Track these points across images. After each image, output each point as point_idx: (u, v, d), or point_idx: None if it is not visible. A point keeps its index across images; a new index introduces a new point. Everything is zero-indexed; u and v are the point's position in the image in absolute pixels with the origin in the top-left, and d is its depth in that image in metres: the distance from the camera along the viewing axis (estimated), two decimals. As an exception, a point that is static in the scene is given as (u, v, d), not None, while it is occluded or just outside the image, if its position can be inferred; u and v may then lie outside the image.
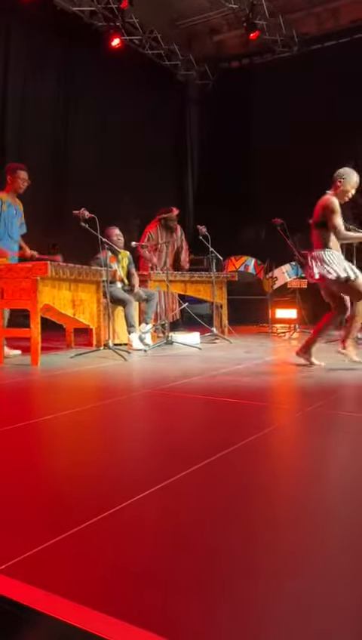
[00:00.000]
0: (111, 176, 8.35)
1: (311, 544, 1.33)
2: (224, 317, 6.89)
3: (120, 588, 1.12)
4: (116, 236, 5.71)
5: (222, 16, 9.32)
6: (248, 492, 1.69)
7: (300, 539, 1.36)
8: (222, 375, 3.85)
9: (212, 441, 2.25)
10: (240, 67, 10.26)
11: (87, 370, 4.18)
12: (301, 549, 1.30)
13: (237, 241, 9.64)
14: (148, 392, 3.38)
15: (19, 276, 4.34)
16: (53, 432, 2.46)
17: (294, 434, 2.51)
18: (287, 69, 9.24)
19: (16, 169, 4.90)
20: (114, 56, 8.26)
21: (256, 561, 1.24)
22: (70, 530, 1.35)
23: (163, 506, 1.55)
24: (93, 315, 5.09)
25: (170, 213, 6.48)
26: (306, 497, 1.66)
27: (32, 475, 1.86)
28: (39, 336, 4.31)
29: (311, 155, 8.25)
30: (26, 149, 7.09)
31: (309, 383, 3.60)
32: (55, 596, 1.07)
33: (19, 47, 7.40)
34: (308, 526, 1.44)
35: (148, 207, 7.33)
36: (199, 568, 1.20)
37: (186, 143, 10.79)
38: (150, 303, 5.90)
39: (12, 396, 3.39)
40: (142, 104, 9.17)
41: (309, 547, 1.31)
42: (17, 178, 4.85)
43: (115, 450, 2.16)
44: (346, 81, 8.35)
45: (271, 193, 8.95)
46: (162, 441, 2.27)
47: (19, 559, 1.21)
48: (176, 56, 9.91)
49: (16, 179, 4.85)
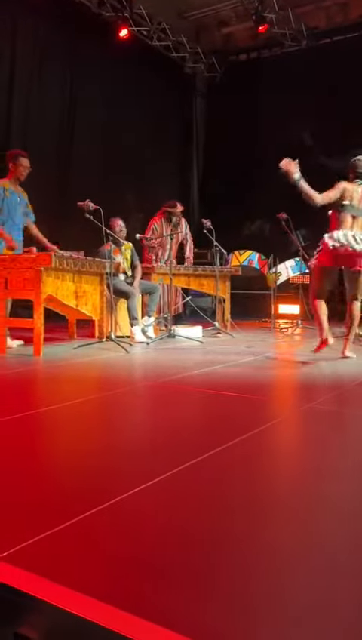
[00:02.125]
0: (116, 169, 8.34)
1: (312, 540, 1.33)
2: (227, 311, 6.89)
3: (120, 578, 1.13)
4: (119, 227, 5.70)
5: (230, 9, 9.26)
6: (248, 486, 1.70)
7: (301, 534, 1.37)
8: (224, 369, 3.85)
9: (213, 434, 2.26)
10: (248, 60, 10.21)
11: (89, 362, 4.19)
12: (302, 545, 1.31)
13: (241, 235, 9.64)
14: (150, 385, 3.39)
15: (22, 266, 4.34)
16: (55, 423, 2.47)
17: (295, 429, 2.52)
18: (296, 63, 9.19)
19: (18, 156, 4.87)
20: (121, 47, 8.22)
21: (256, 555, 1.25)
22: (71, 520, 1.36)
23: (164, 497, 1.56)
24: (96, 306, 5.10)
25: (174, 208, 6.46)
26: (306, 492, 1.67)
27: (33, 465, 1.87)
28: (42, 326, 4.32)
29: (318, 149, 8.22)
30: (32, 141, 7.08)
31: (311, 379, 3.60)
32: (56, 584, 1.08)
33: (25, 37, 7.37)
34: (309, 521, 1.44)
35: (153, 201, 7.32)
36: (199, 560, 1.21)
37: (192, 136, 10.75)
38: (153, 295, 5.90)
39: (14, 386, 3.40)
40: (148, 96, 9.14)
41: (310, 543, 1.32)
42: (19, 165, 4.83)
43: (117, 442, 2.17)
44: (354, 76, 8.30)
45: (276, 188, 8.92)
46: (163, 434, 2.28)
47: (20, 547, 1.22)
48: (184, 48, 9.86)
49: (17, 166, 4.83)
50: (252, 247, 8.56)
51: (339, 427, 2.52)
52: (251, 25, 8.89)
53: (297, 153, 8.28)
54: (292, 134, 8.65)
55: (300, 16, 9.10)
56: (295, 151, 8.59)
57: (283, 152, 9.13)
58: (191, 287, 6.84)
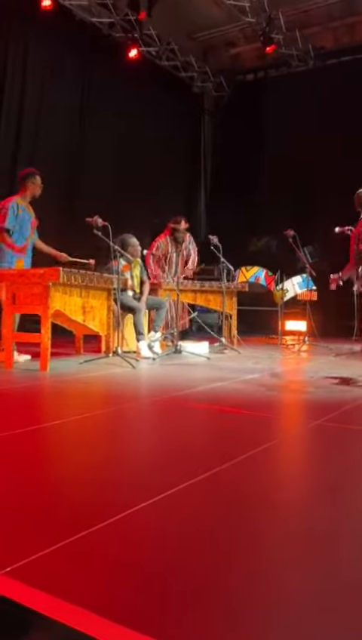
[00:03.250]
0: (125, 186, 8.43)
1: (316, 558, 1.32)
2: (233, 327, 6.89)
3: (124, 594, 1.12)
4: (138, 246, 5.76)
5: (239, 30, 9.41)
6: (253, 503, 1.69)
7: (305, 552, 1.36)
8: (230, 385, 3.84)
9: (218, 451, 2.25)
10: (255, 80, 10.35)
11: (95, 377, 4.20)
12: (306, 563, 1.30)
13: (248, 251, 9.68)
14: (156, 400, 3.39)
15: (30, 282, 4.38)
16: (61, 438, 2.47)
17: (301, 447, 2.50)
18: (303, 83, 9.30)
19: (31, 174, 4.95)
20: (131, 67, 8.36)
21: (259, 572, 1.24)
22: (76, 535, 1.36)
23: (170, 514, 1.55)
24: (103, 321, 5.11)
25: (178, 224, 6.51)
26: (311, 511, 1.65)
27: (40, 479, 1.87)
28: (49, 341, 4.33)
29: (324, 168, 8.28)
30: (41, 158, 7.16)
31: (318, 396, 3.58)
32: (60, 600, 1.07)
33: (37, 57, 7.51)
34: (313, 540, 1.43)
35: (161, 217, 7.38)
36: (203, 577, 1.20)
37: (200, 153, 10.86)
38: (160, 311, 5.92)
39: (21, 400, 3.40)
40: (157, 115, 9.26)
41: (314, 562, 1.30)
42: (32, 183, 4.91)
43: (121, 457, 2.16)
44: (361, 96, 8.38)
45: (283, 205, 8.98)
46: (168, 450, 2.27)
47: (24, 562, 1.22)
48: (192, 67, 10.01)
49: (31, 184, 4.91)
50: (259, 263, 8.58)
51: (348, 444, 2.50)
52: (259, 45, 9.02)
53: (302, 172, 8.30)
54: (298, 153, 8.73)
55: (307, 37, 9.24)
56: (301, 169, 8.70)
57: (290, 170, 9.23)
58: (197, 303, 6.85)
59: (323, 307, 7.64)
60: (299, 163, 8.77)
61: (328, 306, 7.84)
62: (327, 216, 4.57)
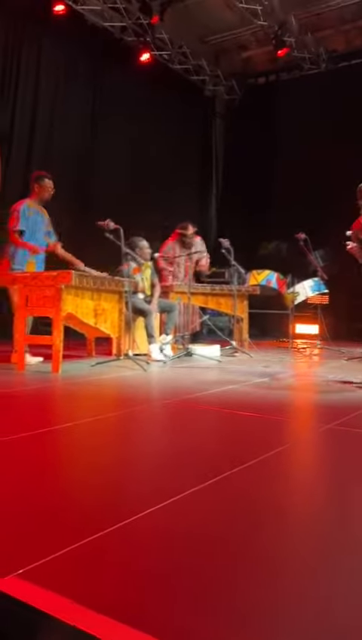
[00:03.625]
0: (136, 189, 8.46)
1: (325, 564, 1.32)
2: (244, 331, 6.88)
3: (133, 597, 1.13)
4: (147, 248, 5.77)
5: (251, 33, 9.41)
6: (263, 509, 1.68)
7: (314, 558, 1.35)
8: (241, 388, 3.84)
9: (229, 454, 2.24)
10: (267, 83, 10.34)
11: (106, 379, 4.21)
12: (314, 569, 1.29)
13: (259, 255, 9.66)
14: (167, 403, 3.39)
15: (43, 284, 4.40)
16: (73, 440, 2.48)
17: (312, 451, 2.49)
18: (314, 86, 9.28)
19: (42, 177, 4.99)
20: (143, 71, 8.40)
21: (267, 577, 1.24)
22: (87, 538, 1.36)
23: (178, 518, 1.56)
24: (115, 324, 5.13)
25: (185, 230, 6.51)
26: (321, 516, 1.65)
27: (51, 482, 1.88)
28: (61, 344, 4.35)
29: (335, 171, 8.25)
30: (54, 161, 7.21)
31: (329, 400, 3.56)
32: (73, 603, 1.08)
33: (50, 61, 7.57)
34: (322, 545, 1.42)
35: (172, 220, 7.38)
36: (211, 581, 1.20)
37: (211, 157, 10.87)
38: (171, 314, 5.93)
39: (33, 403, 3.42)
40: (168, 118, 9.29)
41: (323, 568, 1.30)
42: (43, 186, 4.94)
43: (132, 460, 2.17)
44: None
45: (294, 208, 8.96)
46: (179, 453, 2.27)
47: (36, 564, 1.23)
48: (204, 71, 10.03)
49: (42, 187, 4.94)
50: (270, 266, 8.56)
51: (359, 449, 2.48)
52: (270, 49, 9.02)
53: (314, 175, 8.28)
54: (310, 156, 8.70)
55: (320, 39, 9.22)
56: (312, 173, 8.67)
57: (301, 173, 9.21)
58: (208, 306, 6.85)
59: (335, 310, 7.60)
60: (310, 166, 8.75)
61: (340, 309, 7.80)
62: (339, 219, 4.55)
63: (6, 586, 1.13)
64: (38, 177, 5.00)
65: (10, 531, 1.42)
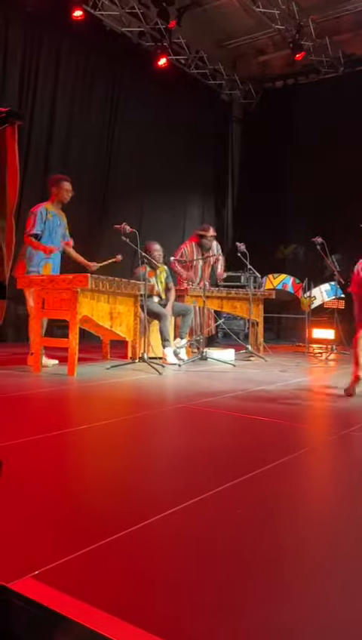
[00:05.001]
0: (153, 192, 8.48)
1: (343, 572, 1.30)
2: (260, 335, 6.85)
3: (148, 601, 1.13)
4: (157, 251, 5.78)
5: (268, 38, 9.40)
6: (279, 513, 1.67)
7: (332, 565, 1.34)
8: (256, 393, 3.82)
9: (244, 459, 2.23)
10: (284, 87, 10.31)
11: (121, 382, 4.22)
12: (332, 576, 1.28)
13: (275, 259, 9.63)
14: (181, 407, 3.39)
15: (60, 287, 4.44)
16: (87, 442, 2.49)
17: (328, 456, 2.47)
18: (332, 90, 9.23)
19: (61, 180, 5.03)
20: (160, 75, 8.43)
21: (284, 583, 1.23)
22: (102, 541, 1.37)
23: (193, 522, 1.55)
24: (130, 327, 5.14)
25: (206, 232, 6.51)
26: (338, 521, 1.63)
27: (66, 484, 1.89)
28: (77, 346, 4.38)
29: (352, 175, 8.19)
30: (71, 165, 7.27)
31: (345, 405, 3.53)
32: (86, 604, 1.08)
33: (68, 66, 7.64)
34: (341, 552, 1.41)
35: (188, 224, 7.40)
36: (227, 585, 1.20)
37: (228, 160, 10.87)
38: (185, 318, 5.93)
39: (48, 405, 3.45)
40: (186, 122, 9.31)
41: (341, 575, 1.29)
42: (62, 189, 4.98)
43: (147, 464, 2.17)
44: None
45: (311, 212, 8.92)
46: (194, 457, 2.27)
47: (52, 566, 1.23)
48: (221, 75, 10.04)
49: (60, 190, 4.98)
50: (286, 271, 8.53)
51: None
52: (288, 53, 8.99)
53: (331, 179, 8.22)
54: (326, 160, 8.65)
55: (337, 43, 9.17)
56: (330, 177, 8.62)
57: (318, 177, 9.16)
58: (224, 310, 6.84)
59: (352, 315, 7.53)
60: (327, 170, 8.70)
61: (356, 314, 7.72)
62: (356, 223, 4.51)
63: (21, 587, 1.13)
64: (57, 180, 5.04)
65: (25, 533, 1.43)
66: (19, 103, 6.93)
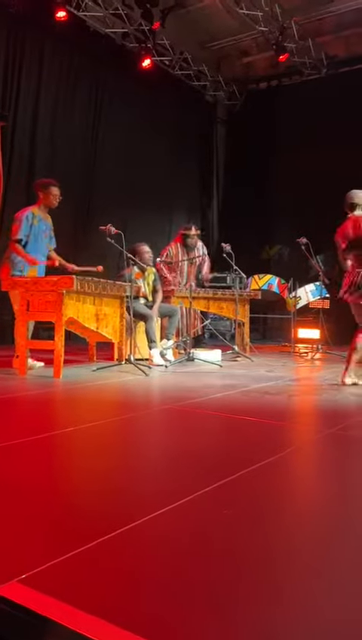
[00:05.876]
0: (137, 194, 8.47)
1: (329, 569, 1.31)
2: (246, 335, 6.87)
3: (137, 603, 1.12)
4: (147, 253, 5.78)
5: (251, 39, 9.45)
6: (267, 513, 1.68)
7: (320, 564, 1.35)
8: (243, 393, 3.83)
9: (231, 459, 2.24)
10: (268, 88, 10.37)
11: (108, 384, 4.21)
12: (321, 576, 1.29)
13: (260, 259, 9.67)
14: (168, 408, 3.38)
15: (45, 289, 4.41)
16: (74, 445, 2.48)
17: (314, 455, 2.48)
18: (315, 91, 9.30)
19: (48, 185, 4.99)
20: (144, 77, 8.43)
21: (274, 583, 1.23)
22: (89, 543, 1.36)
23: (181, 524, 1.55)
24: (116, 329, 5.13)
25: (189, 231, 6.52)
26: (326, 520, 1.64)
27: (53, 487, 1.87)
28: (63, 348, 4.36)
29: (336, 176, 8.26)
30: (56, 167, 7.23)
31: (331, 404, 3.56)
32: (74, 608, 1.07)
33: (51, 67, 7.60)
34: (330, 550, 1.42)
35: (174, 225, 7.41)
36: (218, 586, 1.20)
37: (212, 162, 10.90)
38: (172, 319, 5.93)
39: (34, 407, 3.42)
40: (170, 123, 9.32)
41: (330, 575, 1.29)
42: (49, 194, 4.94)
43: (134, 465, 2.16)
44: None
45: (296, 213, 8.98)
46: (181, 458, 2.27)
47: (39, 569, 1.22)
48: (205, 76, 10.07)
49: (48, 194, 4.94)
50: (271, 271, 8.59)
51: (360, 454, 2.48)
52: (271, 54, 9.04)
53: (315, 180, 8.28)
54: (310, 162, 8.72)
55: (320, 45, 9.25)
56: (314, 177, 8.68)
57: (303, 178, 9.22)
58: (210, 311, 6.85)
59: (337, 315, 7.59)
60: (311, 171, 8.76)
61: (341, 313, 7.78)
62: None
63: (8, 591, 1.12)
64: (45, 185, 4.99)
65: (12, 537, 1.42)
66: (1, 105, 6.89)
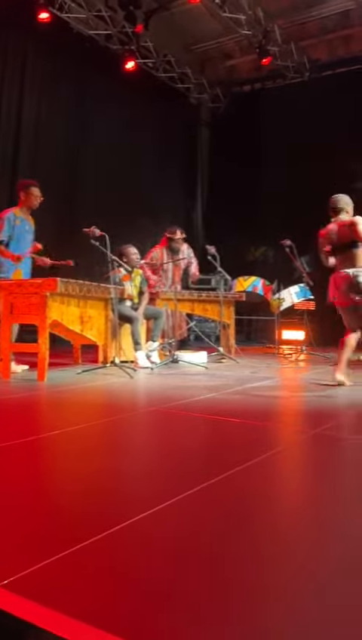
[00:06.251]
0: (122, 196, 8.46)
1: (317, 570, 1.31)
2: (231, 337, 6.89)
3: (124, 606, 1.11)
4: (134, 255, 5.78)
5: (235, 42, 9.50)
6: (253, 514, 1.68)
7: (306, 564, 1.35)
8: (228, 395, 3.84)
9: (217, 461, 2.24)
10: (252, 91, 10.43)
11: (93, 387, 4.19)
12: (306, 574, 1.29)
13: (245, 261, 9.71)
14: (154, 410, 3.38)
15: (28, 292, 4.38)
16: (59, 448, 2.46)
17: (299, 456, 2.50)
18: (298, 94, 9.38)
19: (29, 185, 4.96)
20: (127, 79, 8.42)
21: (261, 583, 1.23)
22: (74, 547, 1.35)
23: (167, 525, 1.55)
24: (101, 331, 5.11)
25: (173, 234, 6.53)
26: (311, 521, 1.65)
27: (37, 490, 1.86)
28: (47, 351, 4.33)
29: (319, 178, 8.33)
30: (40, 169, 7.19)
31: (315, 405, 3.58)
32: (58, 613, 1.06)
33: (35, 69, 7.57)
34: (314, 551, 1.42)
35: (159, 228, 7.39)
36: (204, 589, 1.19)
37: (197, 164, 10.93)
38: (157, 321, 5.92)
39: (18, 411, 3.39)
40: (154, 126, 9.32)
41: (315, 573, 1.30)
42: (30, 195, 4.92)
43: (119, 468, 2.15)
44: (355, 107, 8.45)
45: (280, 215, 9.03)
46: (167, 460, 2.26)
47: (22, 574, 1.21)
48: (189, 79, 10.09)
49: (29, 195, 4.92)
50: (256, 273, 8.62)
51: (344, 454, 2.49)
52: (255, 57, 9.10)
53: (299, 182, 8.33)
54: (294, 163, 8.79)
55: (303, 49, 9.33)
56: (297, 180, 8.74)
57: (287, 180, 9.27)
58: (195, 313, 6.85)
59: (321, 316, 7.65)
60: (295, 173, 8.82)
61: (325, 315, 7.84)
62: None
63: (-10, 597, 1.11)
64: (26, 186, 4.97)
65: (-5, 541, 1.40)
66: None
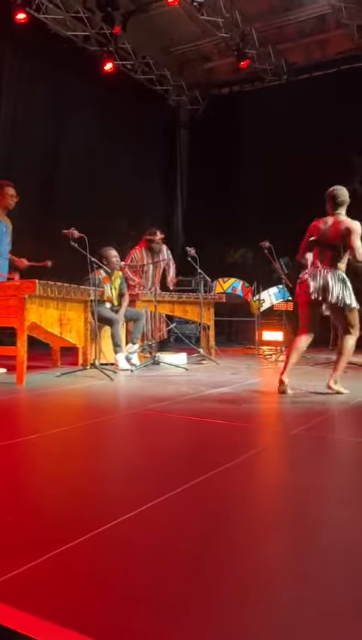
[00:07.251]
0: (100, 198, 8.42)
1: (297, 570, 1.32)
2: (211, 338, 6.91)
3: (104, 610, 1.11)
4: (114, 257, 5.75)
5: (213, 45, 9.54)
6: (234, 514, 1.68)
7: (284, 564, 1.36)
8: (209, 396, 3.84)
9: (198, 462, 2.24)
10: (230, 93, 10.48)
11: (72, 390, 4.16)
12: (286, 574, 1.30)
13: (225, 263, 9.75)
14: (134, 413, 3.37)
15: (6, 294, 4.33)
16: (39, 451, 2.44)
17: (280, 456, 2.51)
18: (276, 97, 9.45)
19: (4, 186, 4.91)
20: (106, 81, 8.39)
21: (250, 582, 1.23)
22: (53, 551, 1.33)
23: (147, 527, 1.54)
24: (80, 334, 5.07)
25: (153, 235, 6.53)
26: (292, 520, 1.66)
27: (16, 494, 1.83)
28: (25, 354, 4.28)
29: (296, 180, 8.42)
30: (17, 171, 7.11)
31: (294, 406, 3.60)
32: (37, 618, 1.05)
33: (11, 70, 7.49)
34: (295, 551, 1.43)
35: (138, 229, 7.38)
36: (186, 591, 1.19)
37: (176, 167, 10.94)
38: (137, 323, 5.91)
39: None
40: (133, 128, 9.30)
41: (294, 573, 1.31)
42: (5, 195, 4.86)
43: (100, 471, 2.14)
44: (332, 110, 8.55)
45: (259, 217, 9.08)
46: (148, 462, 2.26)
47: (1, 580, 1.19)
48: (167, 81, 10.10)
49: (4, 195, 4.86)
50: (235, 274, 8.66)
51: (323, 454, 2.52)
52: (233, 60, 9.14)
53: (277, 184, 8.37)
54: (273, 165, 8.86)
55: (280, 52, 9.41)
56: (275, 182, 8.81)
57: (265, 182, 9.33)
58: (175, 314, 6.85)
59: (299, 317, 7.71)
60: (273, 175, 8.89)
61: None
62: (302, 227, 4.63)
63: (-32, 604, 1.09)
64: (0, 186, 4.92)
65: (-28, 547, 1.38)
66: None
